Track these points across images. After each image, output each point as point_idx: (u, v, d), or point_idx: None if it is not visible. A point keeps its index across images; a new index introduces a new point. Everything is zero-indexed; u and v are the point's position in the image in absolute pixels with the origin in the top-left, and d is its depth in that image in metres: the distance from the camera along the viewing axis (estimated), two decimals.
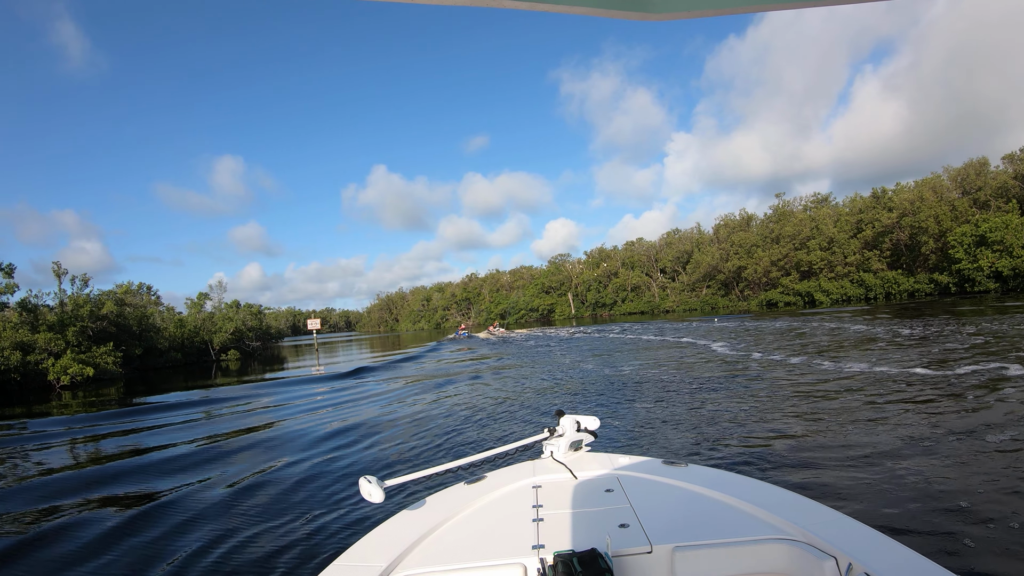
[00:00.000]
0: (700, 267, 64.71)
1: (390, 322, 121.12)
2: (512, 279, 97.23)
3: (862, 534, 1.66)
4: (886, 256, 49.56)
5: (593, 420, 2.90)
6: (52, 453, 8.93)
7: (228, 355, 40.13)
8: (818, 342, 15.55)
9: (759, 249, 57.58)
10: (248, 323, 43.24)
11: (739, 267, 58.76)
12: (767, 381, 9.79)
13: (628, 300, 74.77)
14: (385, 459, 6.66)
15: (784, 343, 16.14)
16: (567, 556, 1.59)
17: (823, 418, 6.70)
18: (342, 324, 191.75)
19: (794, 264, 54.90)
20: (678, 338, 21.74)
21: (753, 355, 13.78)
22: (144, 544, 4.47)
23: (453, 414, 9.25)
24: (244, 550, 4.18)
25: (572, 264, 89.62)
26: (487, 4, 0.71)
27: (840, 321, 23.04)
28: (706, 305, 61.94)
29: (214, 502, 5.42)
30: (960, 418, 6.14)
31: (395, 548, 1.82)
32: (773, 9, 0.73)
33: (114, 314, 30.96)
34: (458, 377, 15.20)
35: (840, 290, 50.03)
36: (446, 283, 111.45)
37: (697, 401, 8.44)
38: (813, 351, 13.54)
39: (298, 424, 9.80)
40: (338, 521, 4.57)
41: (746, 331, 22.14)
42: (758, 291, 58.47)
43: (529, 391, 11.23)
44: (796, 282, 54.03)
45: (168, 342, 35.88)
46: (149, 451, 8.41)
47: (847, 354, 12.36)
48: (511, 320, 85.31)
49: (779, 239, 56.62)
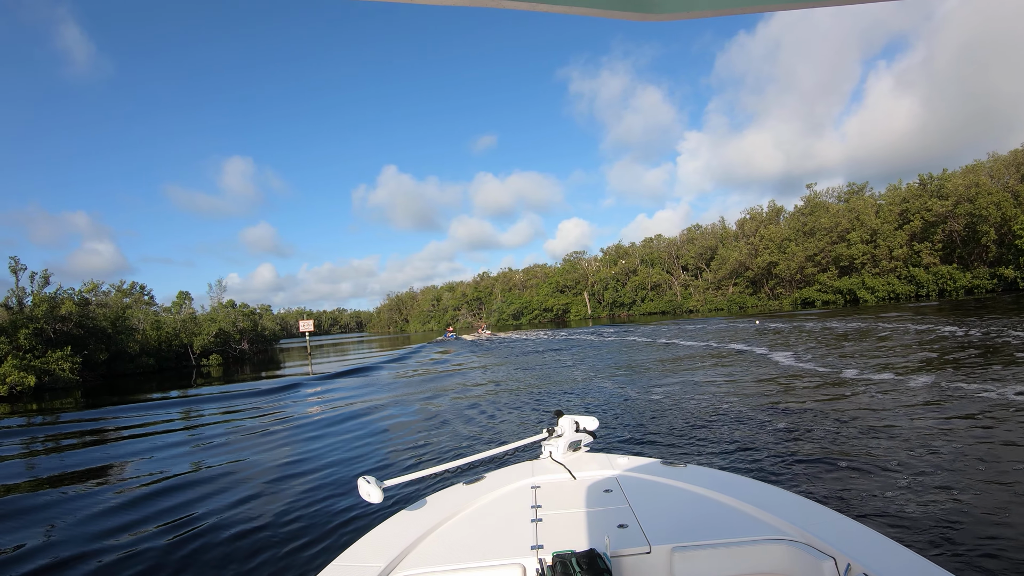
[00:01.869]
0: (726, 264, 59.97)
1: (400, 322, 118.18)
2: (525, 278, 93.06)
3: (861, 534, 1.66)
4: (938, 249, 44.65)
5: (592, 420, 2.90)
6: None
7: (210, 360, 36.78)
8: (922, 349, 11.54)
9: (792, 243, 52.81)
10: (240, 324, 40.00)
11: (770, 263, 54.08)
12: (924, 420, 5.94)
13: (648, 299, 70.29)
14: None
15: (869, 351, 12.15)
16: (566, 556, 1.59)
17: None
18: (353, 325, 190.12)
19: (832, 259, 50.16)
20: (723, 343, 17.76)
21: (845, 372, 9.84)
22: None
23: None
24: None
25: (588, 262, 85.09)
26: (487, 4, 0.70)
27: (915, 321, 18.79)
28: (733, 304, 57.40)
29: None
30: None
31: (394, 548, 1.82)
32: (774, 9, 0.73)
33: (76, 315, 27.83)
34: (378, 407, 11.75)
35: (886, 287, 45.24)
36: (457, 282, 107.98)
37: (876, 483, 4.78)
38: (933, 363, 9.56)
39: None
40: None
41: (801, 334, 18.09)
42: (791, 289, 53.80)
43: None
44: (835, 279, 49.28)
45: (139, 345, 32.51)
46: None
47: (996, 370, 8.39)
48: (524, 321, 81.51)
49: (814, 232, 51.85)
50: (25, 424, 13.47)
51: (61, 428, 12.04)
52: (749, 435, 6.03)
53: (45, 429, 12.34)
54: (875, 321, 20.70)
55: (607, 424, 7.13)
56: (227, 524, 4.73)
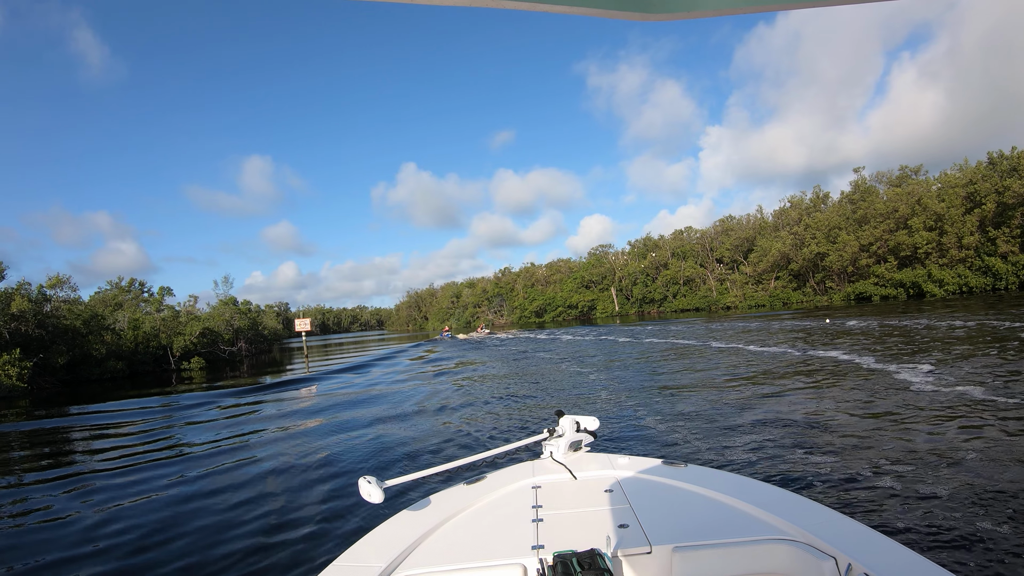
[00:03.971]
0: (767, 255, 55.12)
1: (419, 320, 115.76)
2: (548, 273, 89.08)
3: (862, 534, 1.66)
4: (1016, 235, 39.50)
5: (593, 420, 2.89)
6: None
7: (191, 363, 33.01)
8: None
9: (842, 232, 47.85)
10: (236, 323, 37.19)
11: (818, 254, 49.24)
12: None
13: (680, 295, 65.91)
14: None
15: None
16: (567, 556, 1.58)
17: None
18: (374, 323, 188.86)
19: (890, 249, 45.27)
20: (805, 349, 13.92)
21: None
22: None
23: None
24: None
25: (615, 255, 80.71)
26: (487, 4, 0.69)
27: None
28: (776, 300, 52.79)
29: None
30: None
31: (395, 548, 1.82)
32: (774, 9, 0.72)
33: (32, 313, 25.09)
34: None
35: (957, 279, 40.31)
36: (478, 278, 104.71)
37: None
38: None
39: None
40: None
41: (907, 335, 14.15)
42: (842, 283, 48.99)
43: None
44: (894, 270, 44.39)
45: (106, 347, 29.57)
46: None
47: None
48: (548, 318, 77.86)
49: (867, 219, 46.89)
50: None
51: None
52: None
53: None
54: (987, 318, 16.58)
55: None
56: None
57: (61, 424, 12.83)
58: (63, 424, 12.81)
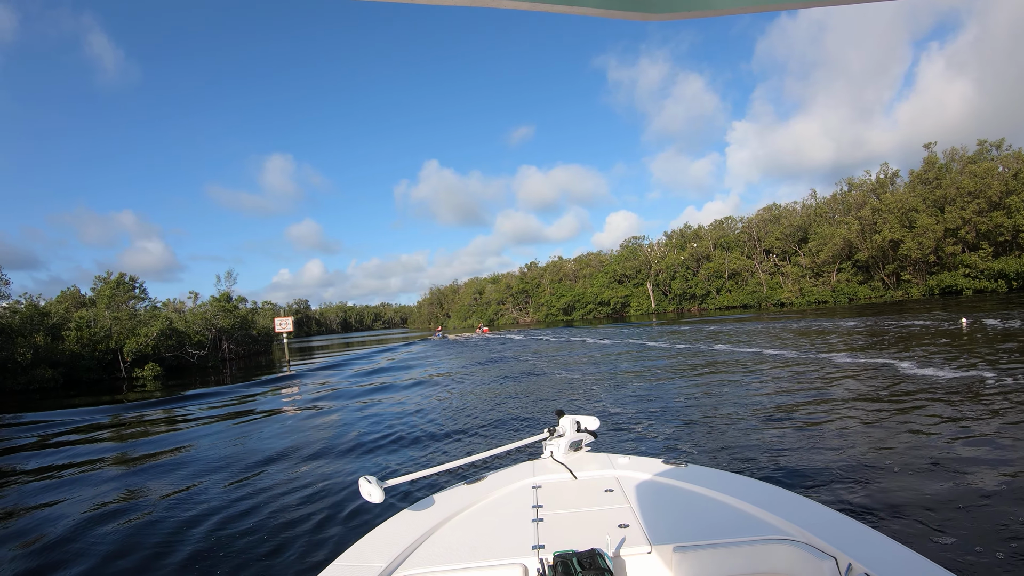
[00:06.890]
0: (828, 244, 48.58)
1: (440, 317, 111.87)
2: (577, 267, 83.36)
3: (862, 534, 1.66)
4: None
5: (593, 420, 2.87)
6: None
7: (144, 369, 28.36)
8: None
9: (922, 215, 41.25)
10: (219, 323, 33.15)
11: (892, 241, 42.73)
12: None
13: (725, 290, 59.80)
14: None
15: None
16: (567, 556, 1.58)
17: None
18: (397, 320, 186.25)
19: (982, 233, 38.65)
20: (961, 368, 8.69)
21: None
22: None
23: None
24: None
25: (651, 247, 74.60)
26: (487, 4, 0.69)
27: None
28: (840, 295, 46.42)
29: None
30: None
31: (395, 548, 1.82)
32: (775, 9, 0.72)
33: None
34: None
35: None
36: (502, 274, 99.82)
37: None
38: None
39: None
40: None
41: None
42: (921, 274, 42.46)
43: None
44: (989, 259, 37.79)
45: (32, 352, 25.37)
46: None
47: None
48: (576, 316, 72.59)
49: (951, 200, 40.23)
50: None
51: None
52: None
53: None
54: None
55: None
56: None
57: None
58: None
